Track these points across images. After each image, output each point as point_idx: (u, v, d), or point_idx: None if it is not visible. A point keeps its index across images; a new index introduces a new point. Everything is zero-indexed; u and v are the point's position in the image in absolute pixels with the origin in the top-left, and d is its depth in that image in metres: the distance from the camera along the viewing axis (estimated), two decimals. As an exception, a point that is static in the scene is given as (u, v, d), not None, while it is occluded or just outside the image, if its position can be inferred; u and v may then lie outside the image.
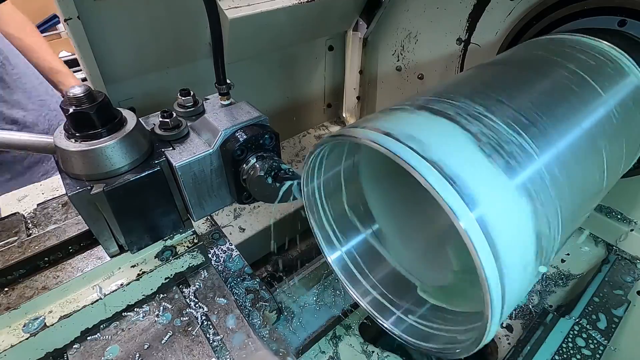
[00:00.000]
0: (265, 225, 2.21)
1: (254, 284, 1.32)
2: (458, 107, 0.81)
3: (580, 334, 1.34)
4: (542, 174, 0.76)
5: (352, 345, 1.44)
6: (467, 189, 0.65)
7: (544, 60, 1.06)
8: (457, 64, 1.91)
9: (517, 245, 0.70)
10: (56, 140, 0.97)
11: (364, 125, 0.79)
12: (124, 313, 1.18)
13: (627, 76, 1.05)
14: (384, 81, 2.45)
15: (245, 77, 2.16)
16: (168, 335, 1.13)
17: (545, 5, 1.41)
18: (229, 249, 1.44)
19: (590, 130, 0.90)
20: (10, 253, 1.14)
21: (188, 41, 1.76)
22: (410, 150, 0.69)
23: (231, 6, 1.68)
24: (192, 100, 1.19)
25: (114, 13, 1.47)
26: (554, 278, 1.64)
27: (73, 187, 0.96)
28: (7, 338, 1.01)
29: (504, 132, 0.77)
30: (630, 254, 1.62)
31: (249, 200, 1.22)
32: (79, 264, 1.15)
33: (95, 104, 0.95)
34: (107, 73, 1.57)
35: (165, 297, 1.23)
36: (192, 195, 1.14)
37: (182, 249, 1.24)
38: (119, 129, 1.00)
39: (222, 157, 1.12)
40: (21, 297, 1.07)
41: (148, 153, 1.06)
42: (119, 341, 1.12)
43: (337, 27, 2.38)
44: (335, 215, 1.20)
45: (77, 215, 1.28)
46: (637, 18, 1.19)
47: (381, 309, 1.13)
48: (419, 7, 1.97)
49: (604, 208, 1.67)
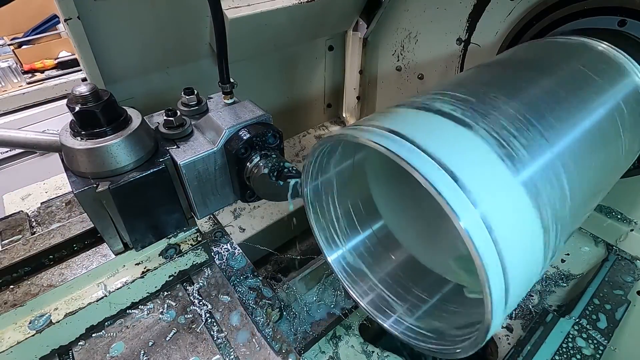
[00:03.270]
0: (265, 225, 2.21)
1: (257, 282, 1.33)
2: (458, 106, 0.81)
3: (580, 334, 1.34)
4: (545, 172, 0.77)
5: (352, 346, 1.44)
6: (468, 189, 0.65)
7: (545, 60, 1.06)
8: (457, 64, 1.92)
9: (520, 245, 0.70)
10: (62, 138, 0.98)
11: (364, 125, 0.80)
12: (128, 310, 1.19)
13: (628, 76, 1.05)
14: (384, 81, 2.46)
15: (245, 77, 2.14)
16: (172, 332, 1.14)
17: (545, 5, 1.42)
18: (231, 248, 1.44)
19: (592, 129, 0.90)
20: (15, 251, 1.14)
21: (188, 41, 1.76)
22: (409, 149, 0.69)
23: (231, 6, 1.69)
24: (196, 99, 1.20)
25: (114, 13, 1.47)
26: (554, 278, 1.64)
27: (79, 185, 0.97)
28: (13, 335, 1.02)
29: (504, 131, 0.77)
30: (630, 254, 1.62)
31: (253, 199, 1.23)
32: (84, 262, 1.16)
33: (101, 103, 0.96)
34: (107, 73, 1.57)
35: (169, 294, 1.24)
36: (196, 194, 1.15)
37: (186, 247, 1.25)
38: (124, 127, 1.01)
39: (226, 155, 1.13)
40: (27, 295, 1.07)
41: (153, 151, 1.07)
42: (123, 338, 1.13)
43: (337, 27, 2.39)
44: (335, 216, 1.20)
45: (81, 214, 1.29)
46: (637, 18, 1.20)
47: (381, 309, 1.13)
48: (419, 7, 1.97)
49: (604, 208, 1.67)
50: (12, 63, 3.48)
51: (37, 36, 3.92)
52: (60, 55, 3.82)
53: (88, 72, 1.51)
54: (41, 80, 3.58)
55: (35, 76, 3.64)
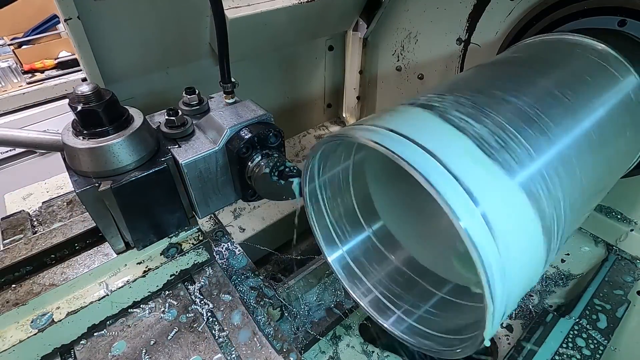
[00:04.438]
0: (265, 225, 2.22)
1: (258, 282, 1.33)
2: (456, 107, 0.81)
3: (580, 334, 1.34)
4: (545, 172, 0.77)
5: (352, 346, 1.44)
6: (468, 188, 0.65)
7: (545, 60, 1.07)
8: (457, 64, 1.92)
9: (520, 245, 0.70)
10: (64, 137, 0.98)
11: (363, 125, 0.80)
12: (130, 309, 1.19)
13: (628, 76, 1.06)
14: (384, 81, 2.46)
15: (245, 77, 2.13)
16: (174, 331, 1.14)
17: (545, 5, 1.42)
18: (232, 247, 1.44)
19: (591, 129, 0.90)
20: (17, 250, 1.15)
21: (188, 41, 1.76)
22: (409, 150, 0.69)
23: (231, 6, 1.69)
24: (197, 98, 1.20)
25: (114, 13, 1.47)
26: (554, 278, 1.64)
27: (81, 184, 0.97)
28: (15, 333, 1.03)
29: (504, 132, 0.77)
30: (630, 254, 1.63)
31: (254, 198, 1.23)
32: (86, 261, 1.16)
33: (103, 102, 0.96)
34: (107, 73, 1.57)
35: (170, 293, 1.24)
36: (198, 193, 1.15)
37: (188, 246, 1.25)
38: (126, 126, 1.01)
39: (228, 154, 1.13)
40: (29, 294, 1.08)
41: (154, 151, 1.07)
42: (125, 337, 1.13)
43: (337, 27, 2.39)
44: (335, 216, 1.21)
45: (82, 213, 1.29)
46: (637, 18, 1.20)
47: (381, 309, 1.13)
48: (419, 7, 1.98)
49: (604, 208, 1.67)
50: (12, 63, 3.48)
51: (37, 36, 3.92)
52: (60, 55, 3.82)
53: (88, 72, 1.51)
54: (41, 80, 3.58)
55: (35, 76, 3.63)
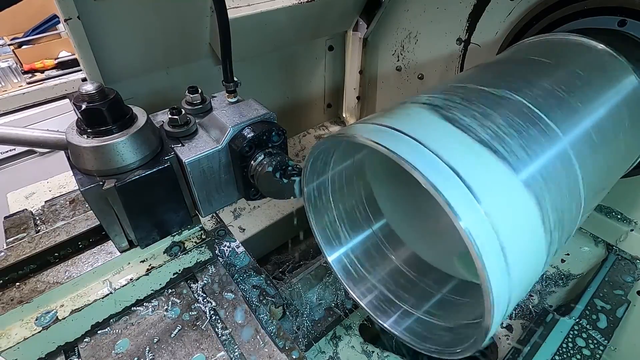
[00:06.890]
0: (265, 225, 2.22)
1: (260, 280, 1.34)
2: (458, 106, 0.82)
3: (580, 334, 1.35)
4: (547, 172, 0.77)
5: (352, 346, 1.45)
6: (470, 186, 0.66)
7: (545, 60, 1.07)
8: (457, 64, 1.93)
9: (522, 244, 0.70)
10: (68, 136, 0.99)
11: (363, 125, 0.81)
12: (133, 307, 1.20)
13: (628, 76, 1.06)
14: (384, 81, 2.47)
15: (246, 77, 2.13)
16: (177, 329, 1.15)
17: (545, 5, 1.43)
18: (234, 246, 1.45)
19: (592, 129, 0.91)
20: (21, 248, 1.15)
21: (188, 41, 1.76)
22: (408, 148, 0.70)
23: (231, 6, 1.69)
24: (200, 97, 1.20)
25: (114, 13, 1.47)
26: (554, 278, 1.65)
27: (85, 182, 0.98)
28: (20, 331, 1.03)
29: (505, 130, 0.78)
30: (630, 254, 1.63)
31: (257, 197, 1.24)
32: (89, 259, 1.16)
33: (107, 101, 0.97)
34: (107, 73, 1.57)
35: (173, 292, 1.25)
36: (201, 191, 1.16)
37: (190, 244, 1.26)
38: (130, 125, 1.02)
39: (231, 153, 1.14)
40: (33, 291, 1.08)
41: (158, 149, 1.08)
42: (128, 335, 1.14)
43: (337, 27, 2.40)
44: (335, 215, 1.21)
45: (85, 212, 1.29)
46: (637, 18, 1.21)
47: (381, 309, 1.14)
48: (419, 7, 1.98)
49: (604, 208, 1.68)
50: (12, 63, 3.47)
51: (37, 36, 3.91)
52: (60, 55, 3.82)
53: (88, 72, 1.51)
54: (41, 80, 3.57)
55: (35, 76, 3.63)
